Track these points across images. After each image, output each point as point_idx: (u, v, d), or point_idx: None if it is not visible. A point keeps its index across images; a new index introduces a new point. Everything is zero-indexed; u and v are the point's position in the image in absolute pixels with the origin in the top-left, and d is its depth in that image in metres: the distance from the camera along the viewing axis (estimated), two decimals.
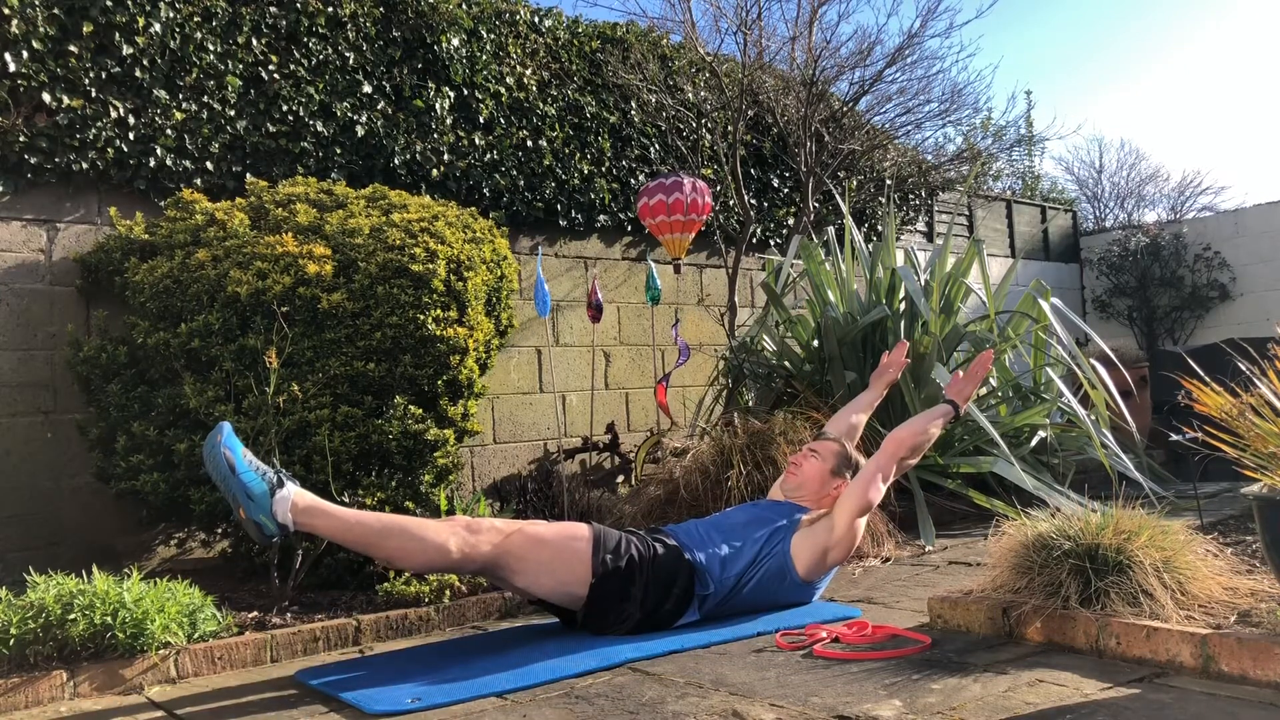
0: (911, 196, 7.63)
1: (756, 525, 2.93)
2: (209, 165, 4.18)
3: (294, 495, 2.52)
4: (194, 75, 4.14)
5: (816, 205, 6.42)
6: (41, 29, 3.72)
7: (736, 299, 5.78)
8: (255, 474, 2.48)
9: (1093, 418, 4.49)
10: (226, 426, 2.52)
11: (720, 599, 2.82)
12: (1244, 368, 2.38)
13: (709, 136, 6.15)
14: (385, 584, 3.14)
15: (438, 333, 3.39)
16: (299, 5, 4.47)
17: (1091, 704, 1.95)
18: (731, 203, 6.20)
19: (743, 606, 2.84)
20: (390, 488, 3.36)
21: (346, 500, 3.12)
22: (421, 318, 3.35)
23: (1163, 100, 28.82)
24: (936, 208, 8.14)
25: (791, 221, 6.49)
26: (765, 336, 5.22)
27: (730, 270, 5.80)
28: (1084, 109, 29.23)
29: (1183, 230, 9.47)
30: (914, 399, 4.41)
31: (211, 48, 4.19)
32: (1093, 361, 4.66)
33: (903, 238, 7.27)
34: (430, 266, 3.37)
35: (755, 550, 2.86)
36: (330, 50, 4.57)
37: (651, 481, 4.07)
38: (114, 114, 3.92)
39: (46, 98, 3.75)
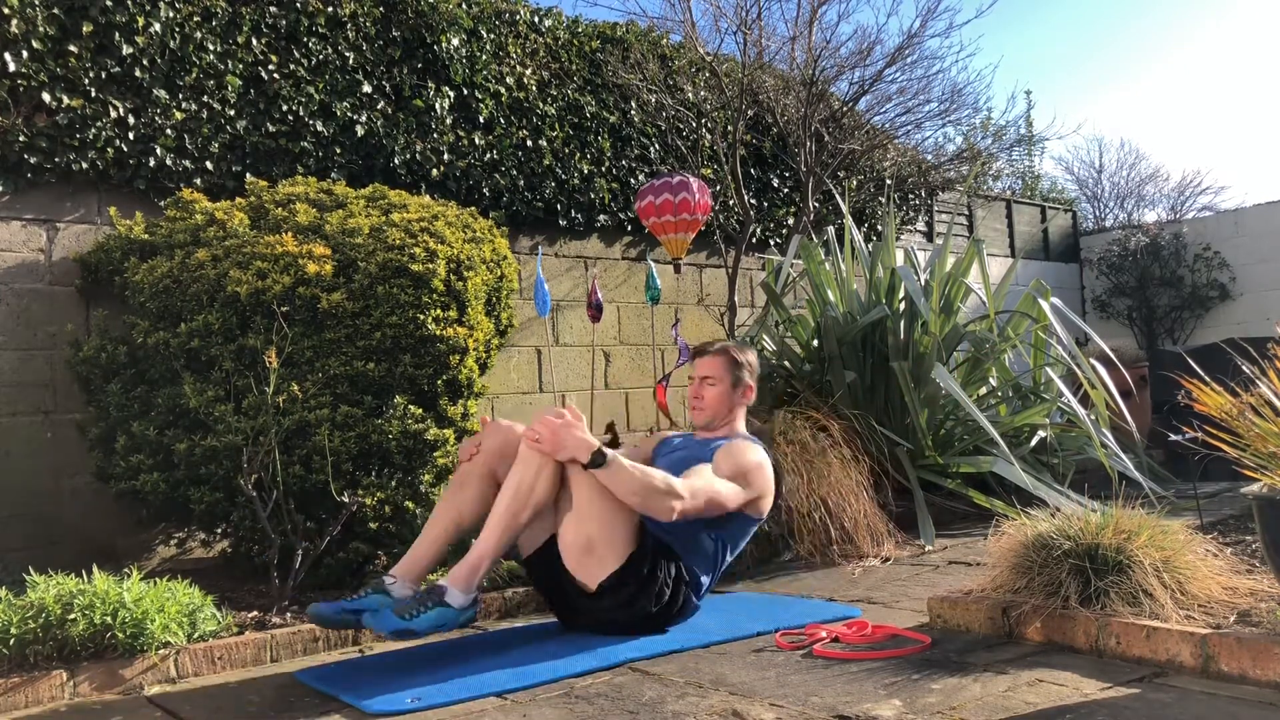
0: (911, 196, 7.63)
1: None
2: (209, 165, 4.18)
3: (450, 587, 2.52)
4: (194, 75, 4.14)
5: (816, 205, 6.42)
6: (41, 29, 3.72)
7: (736, 299, 5.77)
8: (426, 612, 2.47)
9: (1093, 418, 4.49)
10: (372, 620, 2.48)
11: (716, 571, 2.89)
12: (1244, 368, 2.39)
13: (709, 136, 6.15)
14: None
15: (438, 332, 3.39)
16: (299, 5, 4.47)
17: (1091, 704, 1.95)
18: (731, 202, 6.20)
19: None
20: (390, 487, 3.36)
21: (346, 499, 3.11)
22: (421, 317, 3.35)
23: (1163, 100, 28.84)
24: (936, 208, 8.13)
25: (791, 221, 6.49)
26: (765, 336, 5.21)
27: (730, 270, 5.80)
28: (1084, 109, 29.25)
29: (1183, 230, 9.47)
30: (913, 399, 4.41)
31: (211, 48, 4.19)
32: (1093, 361, 4.66)
33: (903, 237, 7.27)
34: (430, 266, 3.37)
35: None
36: (330, 50, 4.57)
37: None
38: (114, 114, 3.92)
39: (46, 97, 3.75)
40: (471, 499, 2.75)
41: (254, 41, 4.32)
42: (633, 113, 5.83)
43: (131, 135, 3.97)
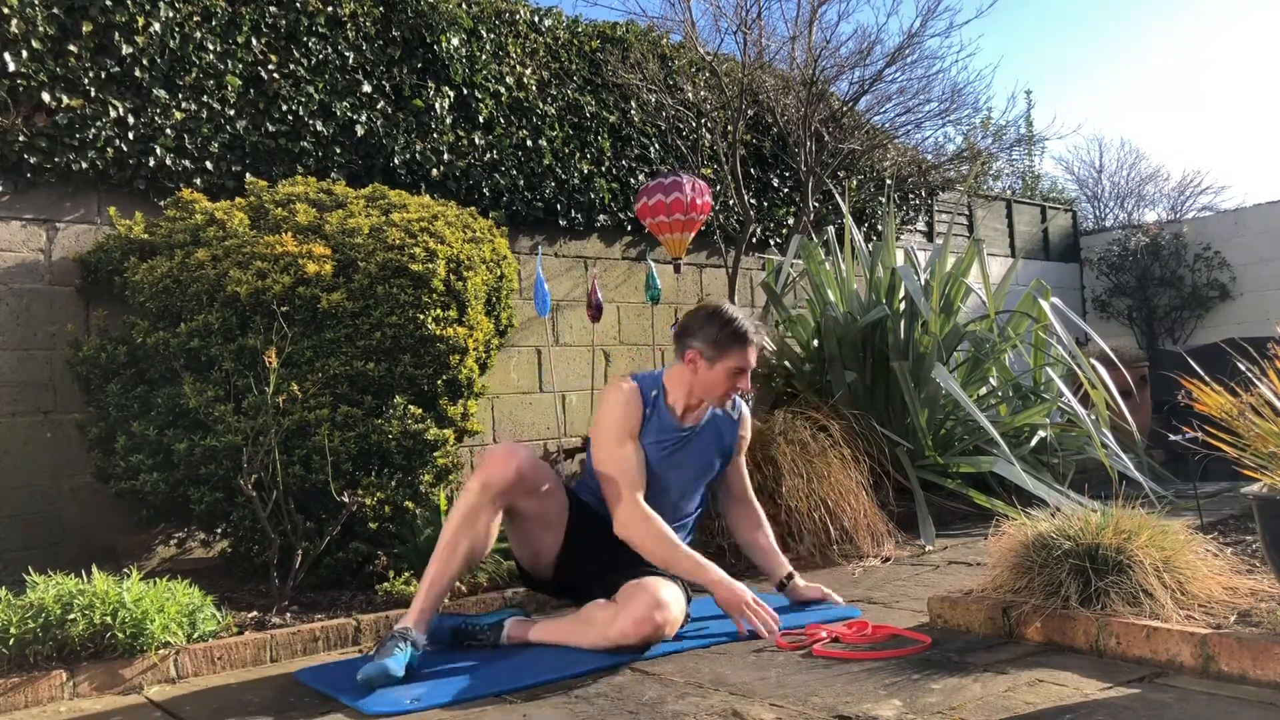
0: (911, 196, 7.63)
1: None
2: (209, 165, 4.18)
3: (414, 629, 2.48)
4: (194, 75, 4.14)
5: (816, 205, 6.42)
6: (41, 28, 3.72)
7: (736, 299, 5.77)
8: (396, 658, 2.37)
9: (1093, 417, 4.49)
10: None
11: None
12: (1244, 367, 2.38)
13: (709, 136, 6.15)
14: (385, 584, 3.14)
15: (437, 332, 3.39)
16: (299, 5, 4.47)
17: (1091, 704, 1.95)
18: (731, 202, 6.20)
19: None
20: (390, 487, 3.36)
21: (346, 499, 3.12)
22: (421, 317, 3.35)
23: (1163, 100, 28.83)
24: (936, 207, 8.13)
25: (791, 221, 6.49)
26: (765, 336, 5.21)
27: (730, 270, 5.80)
28: (1084, 109, 29.24)
29: (1183, 230, 9.47)
30: (914, 398, 4.41)
31: (211, 47, 4.19)
32: (1093, 361, 4.65)
33: (903, 237, 7.27)
34: (430, 266, 3.37)
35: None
36: (330, 50, 4.57)
37: None
38: (114, 114, 3.91)
39: (46, 97, 3.75)
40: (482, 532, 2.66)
41: (254, 41, 4.32)
42: (633, 112, 5.83)
43: (131, 135, 3.97)
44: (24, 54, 3.69)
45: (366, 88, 4.67)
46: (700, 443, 2.90)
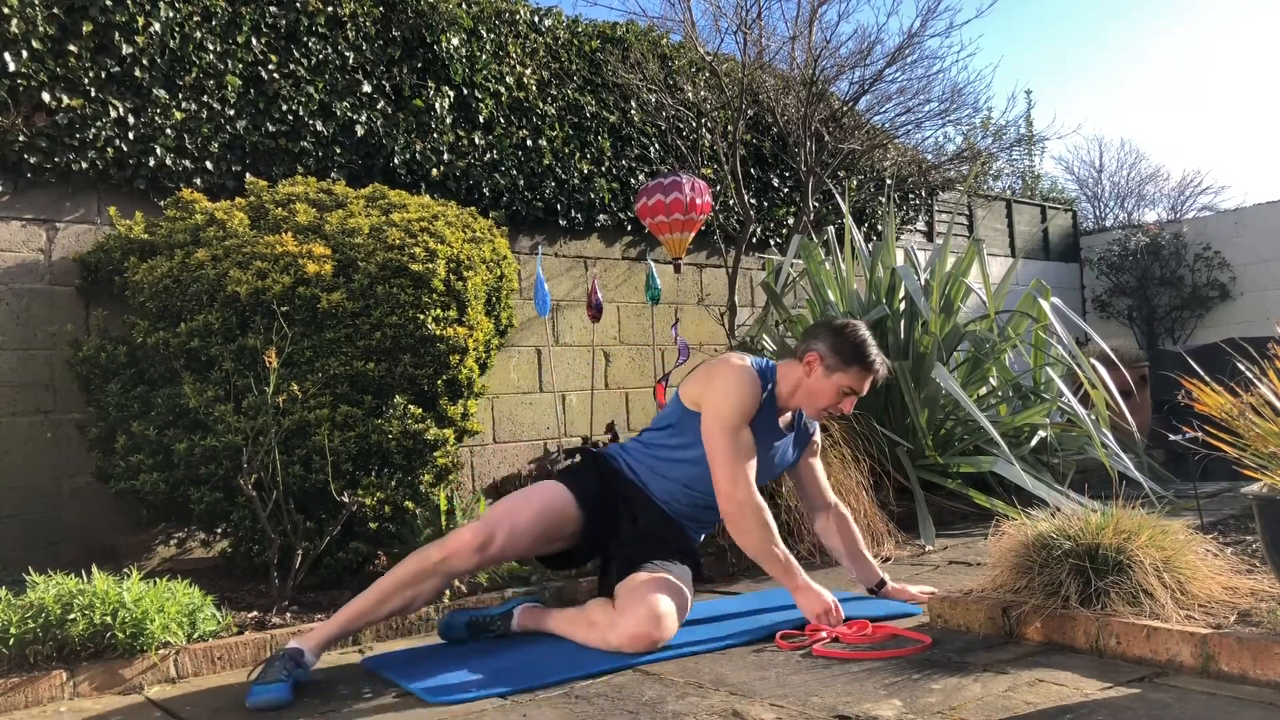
0: (911, 196, 7.63)
1: None
2: (209, 165, 4.18)
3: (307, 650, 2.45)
4: (194, 75, 4.14)
5: (816, 205, 6.42)
6: (41, 28, 3.72)
7: (736, 299, 5.77)
8: (279, 681, 2.31)
9: (1093, 417, 4.48)
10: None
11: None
12: (1244, 367, 2.38)
13: (709, 136, 6.15)
14: None
15: (438, 332, 3.39)
16: (299, 5, 4.47)
17: (1091, 704, 1.95)
18: (731, 202, 6.20)
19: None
20: (390, 487, 3.36)
21: (346, 499, 3.11)
22: (421, 317, 3.35)
23: (1163, 100, 28.82)
24: (936, 207, 8.13)
25: (791, 221, 6.49)
26: (765, 336, 5.21)
27: (730, 270, 5.80)
28: (1084, 109, 29.24)
29: (1183, 230, 9.47)
30: (913, 398, 4.41)
31: (211, 47, 4.19)
32: (1093, 361, 4.65)
33: (903, 237, 7.26)
34: (430, 266, 3.37)
35: None
36: (330, 50, 4.57)
37: None
38: (114, 114, 3.91)
39: (46, 97, 3.75)
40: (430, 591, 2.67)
41: (254, 41, 4.32)
42: (633, 112, 5.83)
43: (131, 135, 3.97)
44: (24, 54, 3.69)
45: (366, 88, 4.67)
46: (782, 449, 2.93)
